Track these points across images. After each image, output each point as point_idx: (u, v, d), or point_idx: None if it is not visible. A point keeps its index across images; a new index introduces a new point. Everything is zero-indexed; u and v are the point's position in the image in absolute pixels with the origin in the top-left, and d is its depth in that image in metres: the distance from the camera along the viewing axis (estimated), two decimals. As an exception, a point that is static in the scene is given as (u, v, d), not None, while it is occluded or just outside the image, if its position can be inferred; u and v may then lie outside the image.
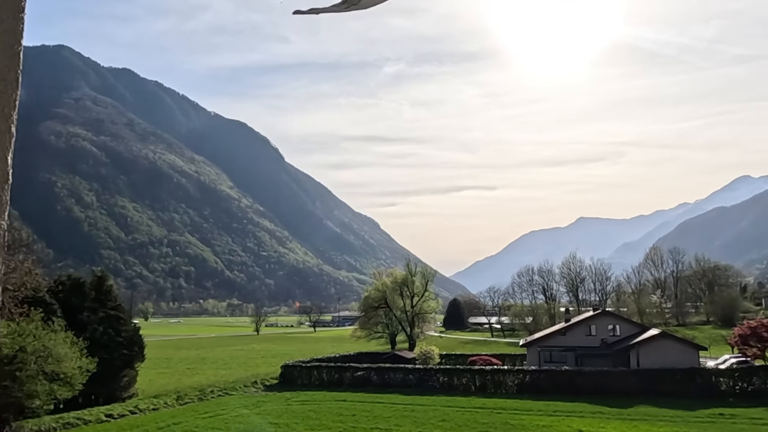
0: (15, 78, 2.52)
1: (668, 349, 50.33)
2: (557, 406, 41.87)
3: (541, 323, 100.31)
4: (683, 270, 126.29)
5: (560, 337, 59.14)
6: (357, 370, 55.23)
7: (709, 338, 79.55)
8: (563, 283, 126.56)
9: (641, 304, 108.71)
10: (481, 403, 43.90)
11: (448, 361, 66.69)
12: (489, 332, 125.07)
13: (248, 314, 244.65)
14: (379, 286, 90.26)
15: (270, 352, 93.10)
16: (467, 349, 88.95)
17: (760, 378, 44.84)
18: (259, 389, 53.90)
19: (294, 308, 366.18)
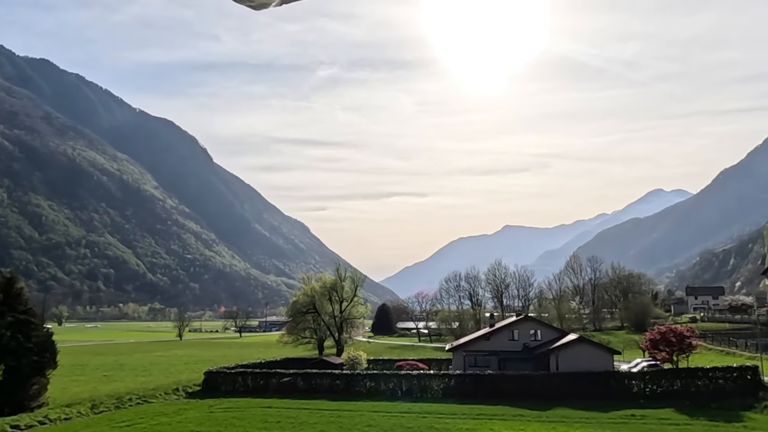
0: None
1: (585, 353, 52.52)
2: (481, 409, 42.82)
3: (467, 328, 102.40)
4: (600, 277, 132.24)
5: (484, 341, 60.56)
6: (283, 376, 54.47)
7: (623, 343, 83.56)
8: (489, 289, 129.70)
9: (561, 309, 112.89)
10: (407, 408, 44.29)
11: (375, 366, 66.91)
12: (416, 337, 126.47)
13: (171, 319, 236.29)
14: (308, 290, 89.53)
15: (193, 358, 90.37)
16: (395, 354, 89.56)
17: (668, 380, 47.53)
18: (180, 396, 52.17)
19: (219, 313, 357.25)
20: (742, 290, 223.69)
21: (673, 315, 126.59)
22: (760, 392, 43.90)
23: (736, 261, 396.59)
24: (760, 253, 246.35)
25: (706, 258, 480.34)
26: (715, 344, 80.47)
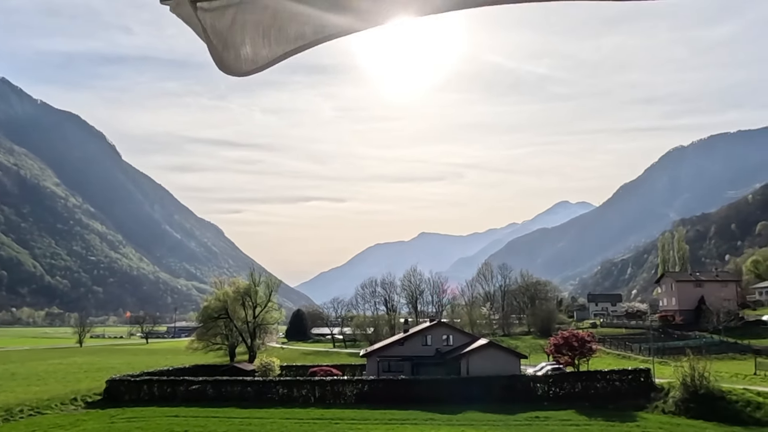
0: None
1: (494, 357, 54.27)
2: (393, 414, 43.22)
3: (382, 334, 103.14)
4: (510, 284, 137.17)
5: (398, 347, 61.23)
6: (192, 384, 52.61)
7: (529, 347, 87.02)
8: (404, 295, 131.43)
9: (473, 315, 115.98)
10: (319, 414, 43.99)
11: (288, 372, 65.99)
12: (331, 343, 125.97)
13: (71, 325, 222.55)
14: (221, 295, 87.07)
15: (94, 366, 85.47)
16: (309, 360, 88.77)
17: (570, 383, 49.96)
18: (79, 407, 49.17)
19: (125, 318, 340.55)
20: (638, 297, 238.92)
21: (576, 321, 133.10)
22: (652, 393, 46.99)
23: (633, 270, 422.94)
24: (654, 263, 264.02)
25: (606, 267, 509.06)
26: (613, 348, 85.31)
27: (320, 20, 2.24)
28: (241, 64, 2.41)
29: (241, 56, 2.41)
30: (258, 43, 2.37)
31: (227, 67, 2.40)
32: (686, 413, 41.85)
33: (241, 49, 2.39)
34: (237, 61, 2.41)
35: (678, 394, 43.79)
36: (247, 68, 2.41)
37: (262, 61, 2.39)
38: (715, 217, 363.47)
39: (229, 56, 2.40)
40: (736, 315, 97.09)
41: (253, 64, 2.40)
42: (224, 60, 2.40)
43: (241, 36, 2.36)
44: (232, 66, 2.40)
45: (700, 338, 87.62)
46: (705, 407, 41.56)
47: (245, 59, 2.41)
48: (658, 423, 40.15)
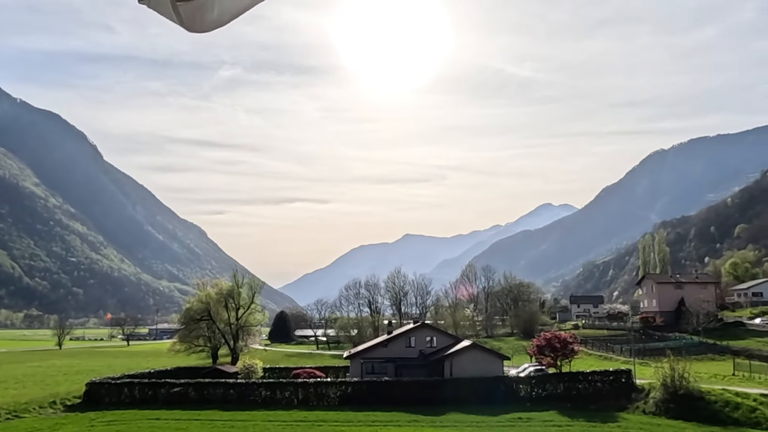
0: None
1: (478, 358, 54.47)
2: (376, 416, 43.18)
3: (366, 335, 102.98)
4: (493, 286, 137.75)
5: (382, 348, 61.20)
6: (173, 386, 52.13)
7: (512, 349, 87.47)
8: (388, 297, 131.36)
9: (456, 317, 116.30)
10: (303, 416, 43.82)
11: (271, 374, 65.71)
12: (315, 345, 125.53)
13: (50, 327, 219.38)
14: (203, 297, 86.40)
15: (73, 369, 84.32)
16: (292, 362, 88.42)
17: (552, 384, 50.32)
18: (58, 410, 48.47)
19: (105, 320, 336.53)
20: (619, 299, 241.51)
21: (558, 322, 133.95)
22: (633, 394, 47.49)
23: (615, 272, 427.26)
24: (635, 265, 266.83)
25: (588, 269, 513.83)
26: (594, 350, 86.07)
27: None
28: (204, 19, 2.31)
29: (206, 10, 2.31)
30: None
31: (192, 22, 2.29)
32: (666, 413, 42.34)
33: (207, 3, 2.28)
34: (202, 14, 2.31)
35: (658, 394, 44.30)
36: (210, 24, 2.32)
37: (228, 13, 2.31)
38: (695, 220, 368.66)
39: (192, 8, 2.31)
40: (715, 316, 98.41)
41: (219, 16, 2.31)
42: (189, 13, 2.30)
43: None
44: (198, 20, 2.31)
45: (680, 339, 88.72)
46: (685, 407, 42.08)
47: (211, 18, 2.31)
48: (638, 423, 40.57)
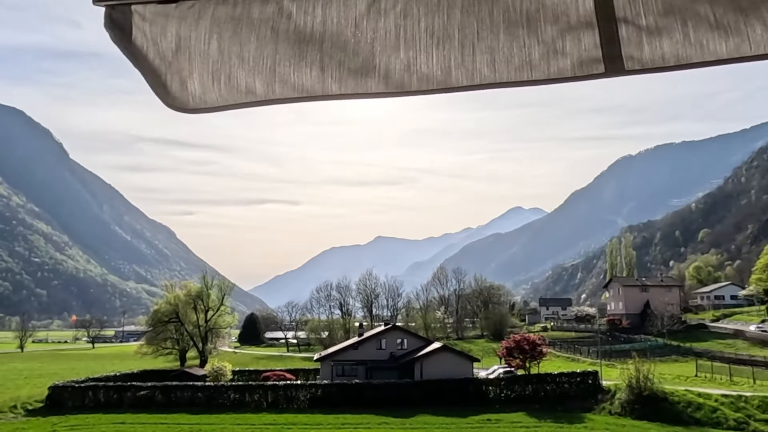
0: None
1: (448, 360, 54.74)
2: (346, 418, 43.08)
3: (337, 338, 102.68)
4: (464, 288, 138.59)
5: (353, 351, 61.09)
6: (140, 389, 51.16)
7: (482, 350, 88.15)
8: (359, 299, 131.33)
9: (427, 319, 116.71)
10: (272, 419, 43.47)
11: (241, 377, 64.99)
12: (285, 347, 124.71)
13: (11, 329, 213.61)
14: (171, 299, 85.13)
15: (35, 372, 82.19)
16: (262, 364, 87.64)
17: (520, 385, 50.83)
18: (18, 414, 47.16)
19: (70, 322, 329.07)
20: (587, 302, 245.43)
21: (527, 324, 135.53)
22: (599, 395, 48.28)
23: (583, 275, 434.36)
24: (603, 269, 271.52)
25: (557, 272, 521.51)
26: (563, 351, 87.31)
27: (270, 75, 1.99)
28: (188, 99, 2.05)
29: (188, 89, 2.04)
30: (207, 84, 2.02)
31: (171, 98, 2.06)
32: (631, 414, 43.17)
33: (188, 81, 2.03)
34: (183, 93, 2.05)
35: (624, 395, 45.14)
36: (195, 106, 2.05)
37: (211, 104, 2.05)
38: (660, 224, 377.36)
39: (174, 84, 2.05)
40: (679, 319, 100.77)
41: (201, 103, 2.05)
42: (168, 88, 2.05)
43: (188, 67, 2.01)
44: (178, 97, 2.05)
45: (645, 341, 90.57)
46: (649, 408, 42.96)
47: (192, 95, 2.04)
48: (604, 424, 41.27)
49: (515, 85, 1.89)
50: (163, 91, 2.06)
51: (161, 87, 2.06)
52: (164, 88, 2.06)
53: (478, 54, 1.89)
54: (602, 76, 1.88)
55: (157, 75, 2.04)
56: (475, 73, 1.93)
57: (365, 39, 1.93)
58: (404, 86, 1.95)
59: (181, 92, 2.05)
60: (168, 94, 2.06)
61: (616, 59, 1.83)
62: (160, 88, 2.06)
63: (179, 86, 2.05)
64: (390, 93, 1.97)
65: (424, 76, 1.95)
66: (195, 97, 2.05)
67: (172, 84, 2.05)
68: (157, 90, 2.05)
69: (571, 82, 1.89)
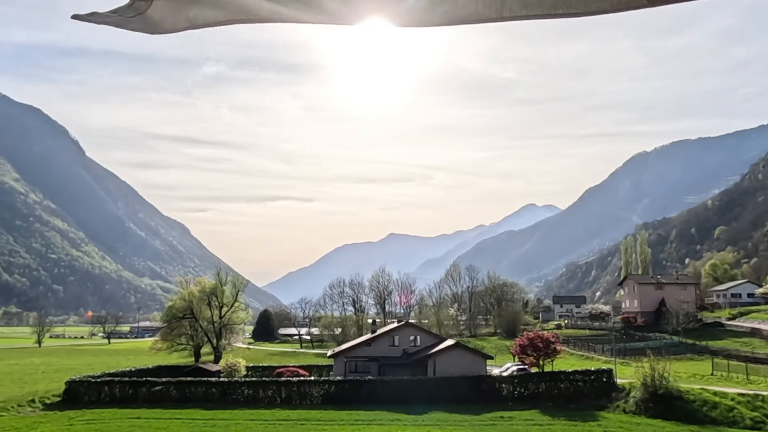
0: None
1: (461, 358, 54.65)
2: (359, 415, 43.16)
3: (350, 334, 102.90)
4: (477, 286, 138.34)
5: (366, 347, 61.16)
6: (154, 385, 51.64)
7: (495, 348, 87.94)
8: (372, 296, 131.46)
9: (440, 316, 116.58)
10: (285, 415, 43.66)
11: (254, 373, 65.35)
12: (298, 343, 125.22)
13: (29, 324, 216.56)
14: (186, 295, 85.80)
15: (52, 367, 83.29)
16: (275, 360, 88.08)
17: (534, 383, 50.63)
18: (36, 408, 47.80)
19: (86, 318, 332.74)
20: (601, 299, 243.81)
21: (541, 322, 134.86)
22: (613, 393, 47.96)
23: (597, 272, 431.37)
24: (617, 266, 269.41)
25: (571, 269, 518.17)
26: (576, 349, 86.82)
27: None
28: (176, 20, 2.10)
29: (179, 12, 2.09)
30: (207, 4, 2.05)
31: (153, 22, 2.10)
32: (646, 412, 42.83)
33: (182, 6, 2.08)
34: (173, 14, 2.10)
35: (638, 393, 44.79)
36: (182, 25, 2.10)
37: (202, 21, 2.09)
38: (676, 222, 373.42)
39: (161, 7, 2.09)
40: (695, 317, 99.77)
41: (187, 22, 2.10)
42: (152, 12, 2.10)
43: None
44: (165, 20, 2.10)
45: (660, 339, 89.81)
46: (664, 406, 42.60)
47: (182, 17, 2.10)
48: (618, 422, 40.99)
49: (549, 17, 1.77)
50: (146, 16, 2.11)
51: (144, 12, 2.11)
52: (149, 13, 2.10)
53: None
54: (645, 5, 1.76)
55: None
56: (503, 8, 1.81)
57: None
58: (424, 22, 1.84)
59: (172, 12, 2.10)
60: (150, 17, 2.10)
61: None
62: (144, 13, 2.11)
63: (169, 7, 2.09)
64: (412, 23, 1.86)
65: (444, 11, 1.82)
66: (185, 19, 2.11)
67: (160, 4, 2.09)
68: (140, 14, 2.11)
69: (610, 13, 1.77)
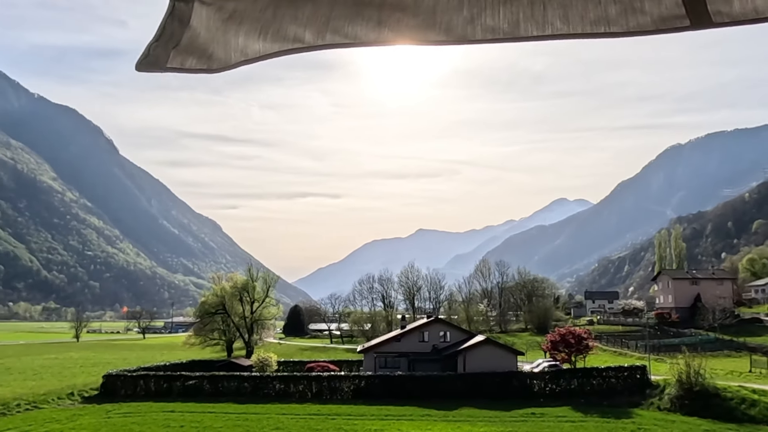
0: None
1: (491, 354, 54.34)
2: (389, 410, 43.28)
3: (379, 330, 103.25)
4: (507, 281, 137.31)
5: (395, 343, 61.28)
6: (188, 379, 52.61)
7: (526, 344, 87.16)
8: (401, 291, 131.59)
9: (470, 312, 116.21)
10: (316, 410, 44.05)
11: (285, 368, 66.05)
12: (329, 339, 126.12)
13: (67, 319, 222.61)
14: (218, 291, 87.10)
15: (90, 361, 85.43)
16: (306, 355, 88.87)
17: (566, 379, 50.08)
18: (75, 401, 49.17)
19: (121, 313, 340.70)
20: (635, 295, 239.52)
21: (573, 318, 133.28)
22: (647, 390, 47.15)
23: (630, 267, 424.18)
24: (651, 261, 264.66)
25: (603, 264, 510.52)
26: (609, 345, 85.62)
27: (323, 27, 1.96)
28: (230, 55, 2.06)
29: (231, 47, 2.06)
30: (252, 38, 2.03)
31: (213, 60, 2.05)
32: (681, 410, 42.00)
33: (233, 40, 2.05)
34: (226, 52, 2.05)
35: (673, 391, 43.94)
36: (236, 60, 2.07)
37: (252, 55, 2.07)
38: (712, 215, 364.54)
39: (217, 50, 2.05)
40: (732, 313, 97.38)
41: (242, 56, 2.07)
42: (211, 54, 2.04)
43: (236, 29, 2.02)
44: (220, 58, 2.05)
45: (695, 336, 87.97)
46: (700, 404, 41.71)
47: (235, 50, 2.07)
48: (653, 420, 40.30)
49: (590, 36, 1.76)
50: (203, 54, 2.01)
51: (203, 50, 2.01)
52: (205, 52, 2.02)
53: (549, 9, 1.76)
54: (688, 28, 1.71)
55: (202, 39, 2.00)
56: (546, 26, 1.79)
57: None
58: (467, 36, 1.82)
59: (223, 55, 2.02)
60: (210, 57, 2.02)
61: (702, 11, 1.67)
62: (202, 52, 2.01)
63: (223, 50, 2.01)
64: (451, 41, 1.83)
65: (489, 28, 1.81)
66: (237, 51, 2.01)
67: (216, 51, 2.01)
68: (196, 54, 2.01)
69: (653, 35, 1.75)
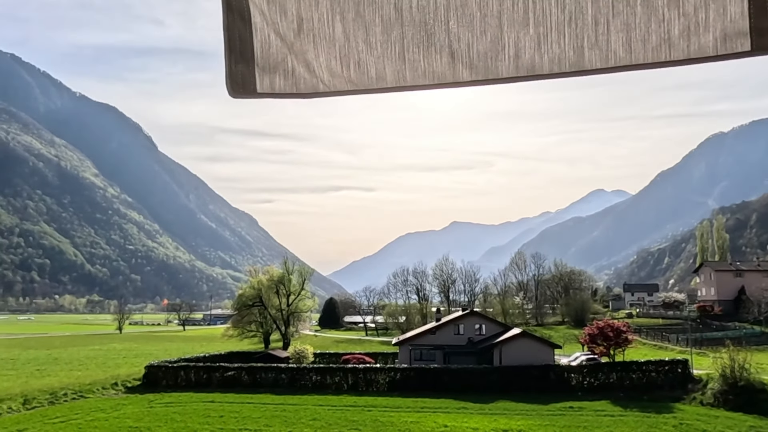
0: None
1: (528, 347, 53.83)
2: (425, 402, 43.34)
3: (414, 322, 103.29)
4: (543, 274, 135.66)
5: (430, 336, 61.24)
6: (227, 370, 53.63)
7: (563, 337, 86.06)
8: (436, 284, 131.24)
9: (505, 305, 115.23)
10: (352, 401, 44.39)
11: (321, 359, 66.70)
12: (363, 331, 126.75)
13: (110, 312, 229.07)
14: (255, 283, 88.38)
15: (133, 352, 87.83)
16: (341, 347, 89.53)
17: (604, 373, 49.29)
18: (119, 391, 50.64)
19: (162, 306, 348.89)
20: (675, 288, 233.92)
21: (611, 311, 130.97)
22: (689, 384, 46.08)
23: (670, 260, 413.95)
24: (692, 253, 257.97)
25: (642, 256, 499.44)
26: (649, 339, 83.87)
27: (402, 65, 1.88)
28: (317, 83, 1.96)
29: (316, 74, 1.95)
30: (335, 69, 1.93)
31: (295, 82, 1.96)
32: (725, 405, 40.94)
33: (315, 64, 1.94)
34: (310, 77, 1.95)
35: (716, 385, 42.84)
36: (324, 89, 1.98)
37: (341, 88, 1.95)
38: (756, 205, 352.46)
39: (299, 68, 1.94)
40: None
41: (330, 86, 1.96)
42: (291, 72, 1.94)
43: (314, 51, 1.92)
44: (306, 80, 1.96)
45: (740, 329, 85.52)
46: (745, 399, 40.57)
47: (321, 79, 1.96)
48: (695, 415, 39.38)
49: (652, 66, 1.76)
50: (283, 75, 1.97)
51: (281, 70, 1.97)
52: (286, 72, 1.97)
53: (613, 32, 1.75)
54: (748, 54, 1.68)
55: (275, 58, 1.96)
56: (609, 54, 1.78)
57: (491, 13, 1.79)
58: (535, 69, 1.84)
59: (308, 76, 1.96)
60: (291, 78, 1.97)
61: (765, 33, 1.61)
62: (281, 72, 1.97)
63: (305, 70, 1.96)
64: (520, 77, 1.86)
65: (555, 57, 1.81)
66: (323, 81, 1.96)
67: (297, 67, 1.96)
68: (279, 69, 1.96)
69: (713, 62, 1.75)
